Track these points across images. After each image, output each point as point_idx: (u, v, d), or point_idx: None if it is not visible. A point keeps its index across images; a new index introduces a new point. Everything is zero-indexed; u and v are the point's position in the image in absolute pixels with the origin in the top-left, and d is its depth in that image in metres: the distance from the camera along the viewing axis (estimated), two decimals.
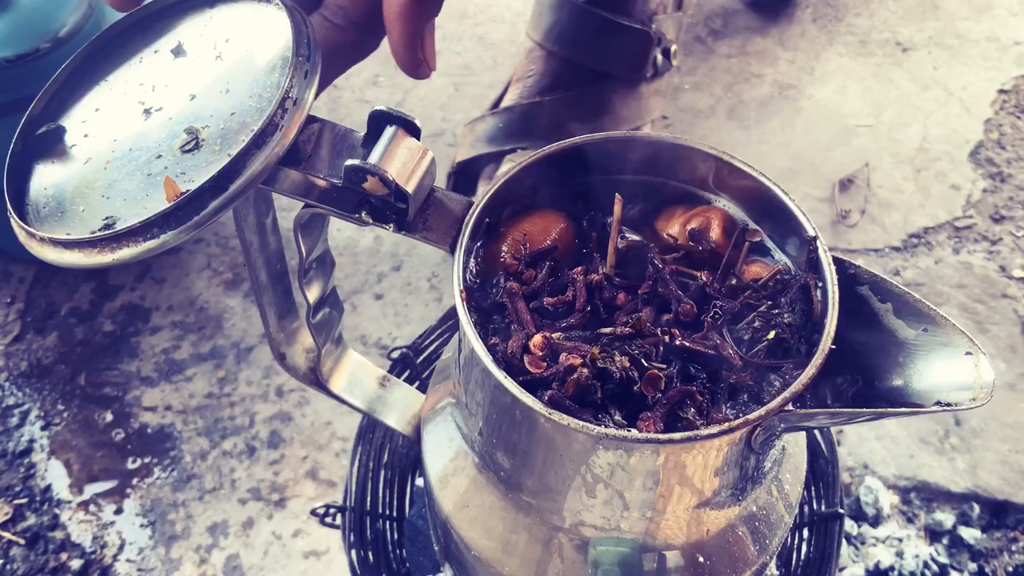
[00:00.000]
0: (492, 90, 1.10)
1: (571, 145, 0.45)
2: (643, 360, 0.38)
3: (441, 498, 0.49)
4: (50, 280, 1.00)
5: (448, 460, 0.48)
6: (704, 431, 0.36)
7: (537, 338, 0.40)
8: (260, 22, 0.45)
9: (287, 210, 0.48)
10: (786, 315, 0.40)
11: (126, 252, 0.39)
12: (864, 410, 0.36)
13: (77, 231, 0.41)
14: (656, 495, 0.40)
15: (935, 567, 0.83)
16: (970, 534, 0.85)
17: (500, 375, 0.38)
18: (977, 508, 0.86)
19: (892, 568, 0.82)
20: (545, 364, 0.39)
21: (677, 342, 0.39)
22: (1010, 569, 0.84)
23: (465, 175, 0.97)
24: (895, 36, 1.20)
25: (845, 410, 0.36)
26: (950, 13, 1.22)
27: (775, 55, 1.19)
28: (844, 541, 0.84)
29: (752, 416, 0.36)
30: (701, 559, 0.43)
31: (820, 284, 0.40)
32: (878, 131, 1.11)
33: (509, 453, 0.43)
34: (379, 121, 0.42)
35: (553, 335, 0.40)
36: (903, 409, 0.36)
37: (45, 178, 0.44)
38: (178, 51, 0.46)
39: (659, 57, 0.95)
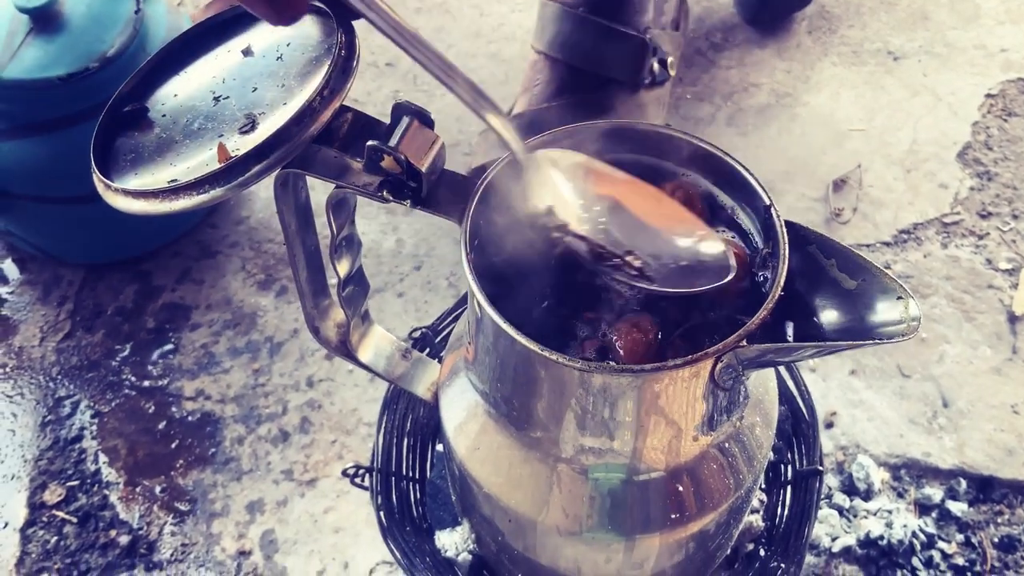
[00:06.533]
0: (505, 103, 1.17)
1: (563, 131, 0.52)
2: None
3: (457, 445, 0.56)
4: (97, 283, 1.08)
5: (462, 411, 0.55)
6: (670, 362, 0.42)
7: None
8: (318, 32, 0.53)
9: (320, 202, 0.56)
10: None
11: (182, 203, 0.47)
12: (807, 344, 0.42)
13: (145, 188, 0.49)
14: (637, 425, 0.46)
15: (923, 537, 0.88)
16: (957, 507, 0.91)
17: (500, 320, 0.44)
18: (964, 483, 0.92)
19: (882, 537, 0.88)
20: None
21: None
22: (996, 540, 0.89)
23: None
24: (887, 46, 1.27)
25: (789, 344, 0.42)
26: (939, 23, 1.29)
27: (772, 66, 1.25)
28: (837, 513, 0.90)
29: (711, 349, 0.42)
30: (685, 483, 0.50)
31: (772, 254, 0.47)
32: (870, 135, 1.18)
33: (512, 393, 0.50)
34: (399, 112, 0.49)
35: None
36: (842, 343, 0.42)
37: (125, 146, 0.52)
38: (247, 51, 0.54)
39: (656, 66, 1.02)
